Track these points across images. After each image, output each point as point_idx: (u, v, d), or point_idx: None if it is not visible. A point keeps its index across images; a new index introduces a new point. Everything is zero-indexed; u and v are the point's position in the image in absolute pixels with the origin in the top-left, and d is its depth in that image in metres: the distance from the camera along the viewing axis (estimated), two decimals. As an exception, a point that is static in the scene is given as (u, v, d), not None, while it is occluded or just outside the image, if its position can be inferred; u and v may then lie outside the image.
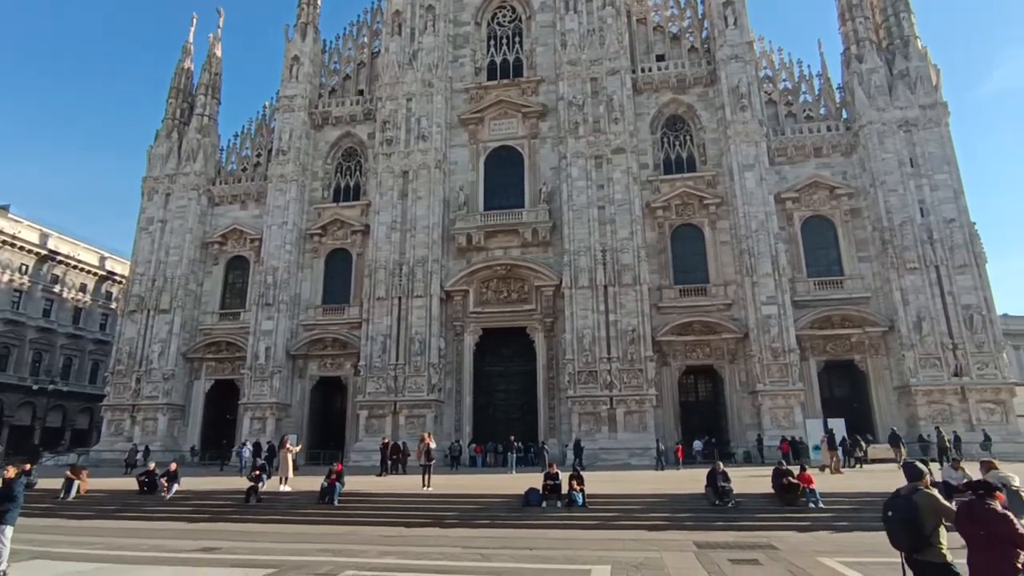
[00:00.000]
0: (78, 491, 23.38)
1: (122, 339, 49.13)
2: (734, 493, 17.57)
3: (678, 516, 17.00)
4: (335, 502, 20.55)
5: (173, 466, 23.95)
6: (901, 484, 6.88)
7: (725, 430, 41.64)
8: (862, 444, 31.47)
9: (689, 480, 21.70)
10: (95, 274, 71.85)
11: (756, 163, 43.24)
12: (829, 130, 45.20)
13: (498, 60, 51.24)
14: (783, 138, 45.40)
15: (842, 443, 31.76)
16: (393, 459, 32.67)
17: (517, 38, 51.67)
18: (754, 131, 43.74)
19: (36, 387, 58.36)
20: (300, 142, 50.86)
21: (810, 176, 44.24)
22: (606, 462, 36.94)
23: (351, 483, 22.20)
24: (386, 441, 33.60)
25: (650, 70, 48.33)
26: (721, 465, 18.41)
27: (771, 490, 18.21)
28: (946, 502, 6.74)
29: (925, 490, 6.55)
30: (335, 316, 47.71)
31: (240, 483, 22.81)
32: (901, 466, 7.62)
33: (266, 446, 37.88)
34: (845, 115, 45.90)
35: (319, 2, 56.60)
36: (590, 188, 44.18)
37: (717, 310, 42.56)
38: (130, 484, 24.11)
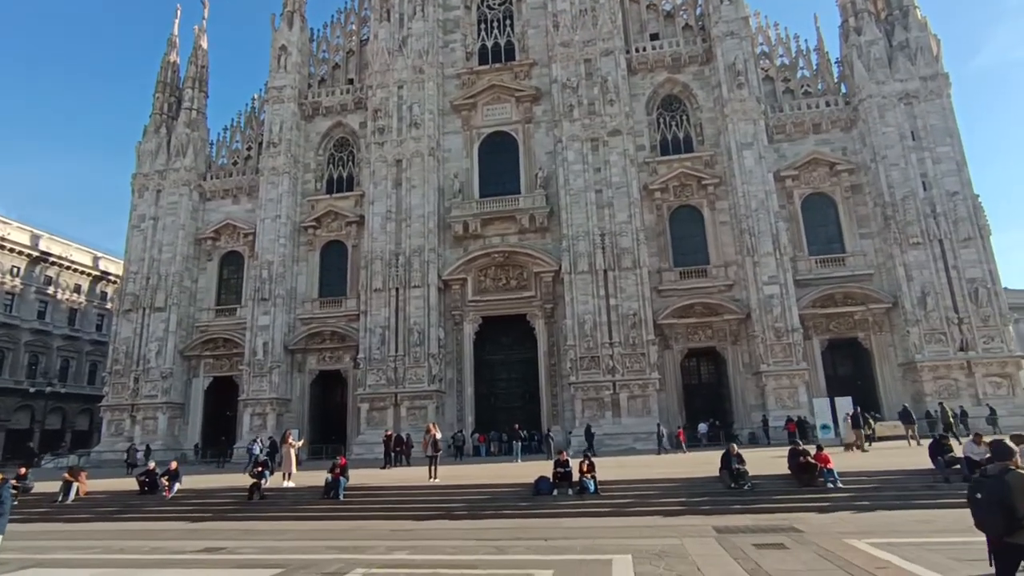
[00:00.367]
0: (77, 493, 22.87)
1: (118, 339, 48.50)
2: (749, 475, 17.17)
3: (694, 501, 16.59)
4: (340, 496, 20.08)
5: (174, 465, 23.42)
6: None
7: (729, 412, 41.39)
8: (870, 422, 31.14)
9: (701, 463, 21.33)
10: (89, 274, 70.97)
11: (754, 141, 42.63)
12: (828, 105, 44.59)
13: (489, 44, 50.31)
14: (781, 115, 44.79)
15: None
16: (397, 451, 32.30)
17: (508, 21, 50.69)
18: (752, 109, 43.10)
19: (33, 390, 57.78)
20: (291, 133, 49.98)
21: (809, 153, 43.69)
22: (610, 447, 36.62)
23: (355, 477, 21.76)
24: (389, 433, 33.18)
25: (644, 50, 47.52)
26: (736, 447, 17.98)
27: (786, 471, 17.83)
28: None
29: (1017, 470, 6.10)
30: (332, 309, 47.16)
31: (243, 480, 22.34)
32: (990, 444, 7.14)
33: (267, 442, 37.40)
34: (844, 89, 45.31)
35: (305, -11, 55.40)
36: (587, 172, 43.53)
37: (718, 291, 42.14)
38: (131, 484, 23.59)
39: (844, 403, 34.68)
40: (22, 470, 24.96)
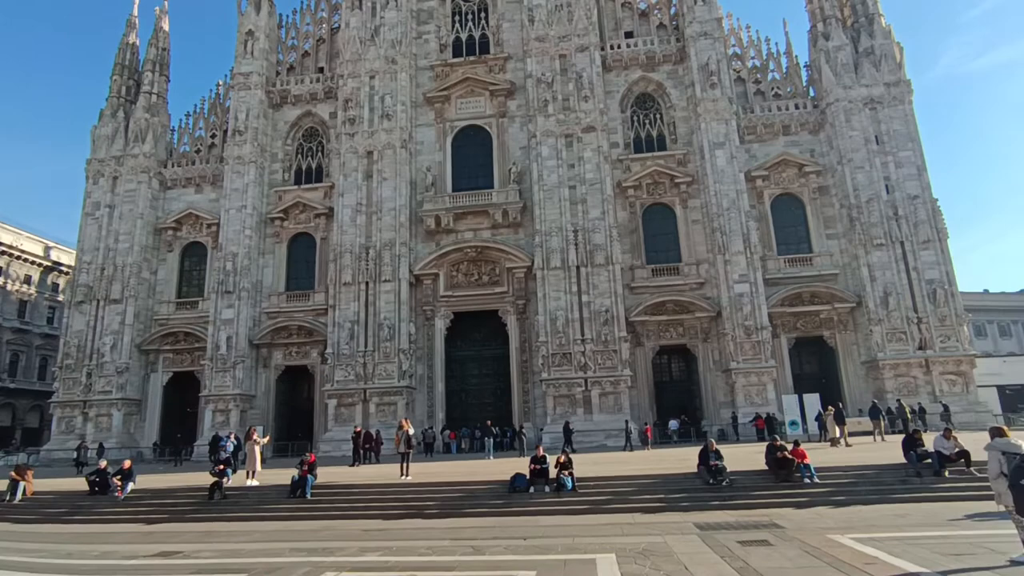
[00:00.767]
0: (24, 493, 21.62)
1: (70, 332, 46.29)
2: (727, 471, 17.09)
3: (673, 497, 16.43)
4: (308, 495, 19.34)
5: (127, 463, 22.26)
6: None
7: (699, 409, 41.75)
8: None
9: (677, 459, 21.24)
10: (40, 265, 67.83)
11: (726, 141, 43.03)
12: (797, 108, 45.32)
13: (464, 37, 49.62)
14: (752, 116, 45.32)
15: (818, 418, 32.04)
16: (366, 448, 31.59)
17: (483, 13, 50.09)
18: (724, 109, 43.49)
19: (-22, 386, 54.86)
20: (258, 122, 48.41)
21: (779, 154, 44.34)
22: (582, 444, 36.45)
23: (324, 474, 21.00)
24: (358, 430, 32.33)
25: (619, 47, 47.53)
26: (714, 443, 17.90)
27: (763, 466, 17.84)
28: None
29: None
30: (300, 303, 45.91)
31: (203, 479, 21.32)
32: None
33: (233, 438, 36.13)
34: (812, 93, 46.07)
35: (273, -28, 53.78)
36: (560, 167, 43.31)
37: (690, 289, 42.43)
38: (81, 485, 22.34)
39: (812, 400, 35.28)
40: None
